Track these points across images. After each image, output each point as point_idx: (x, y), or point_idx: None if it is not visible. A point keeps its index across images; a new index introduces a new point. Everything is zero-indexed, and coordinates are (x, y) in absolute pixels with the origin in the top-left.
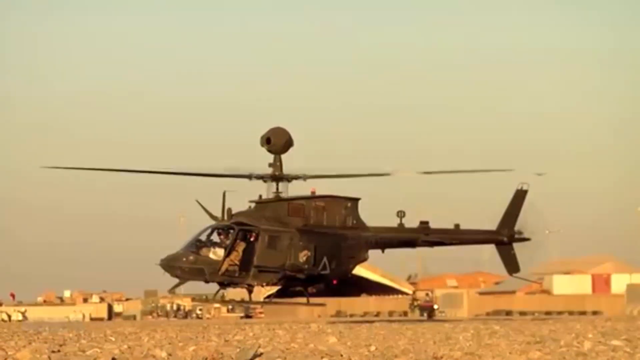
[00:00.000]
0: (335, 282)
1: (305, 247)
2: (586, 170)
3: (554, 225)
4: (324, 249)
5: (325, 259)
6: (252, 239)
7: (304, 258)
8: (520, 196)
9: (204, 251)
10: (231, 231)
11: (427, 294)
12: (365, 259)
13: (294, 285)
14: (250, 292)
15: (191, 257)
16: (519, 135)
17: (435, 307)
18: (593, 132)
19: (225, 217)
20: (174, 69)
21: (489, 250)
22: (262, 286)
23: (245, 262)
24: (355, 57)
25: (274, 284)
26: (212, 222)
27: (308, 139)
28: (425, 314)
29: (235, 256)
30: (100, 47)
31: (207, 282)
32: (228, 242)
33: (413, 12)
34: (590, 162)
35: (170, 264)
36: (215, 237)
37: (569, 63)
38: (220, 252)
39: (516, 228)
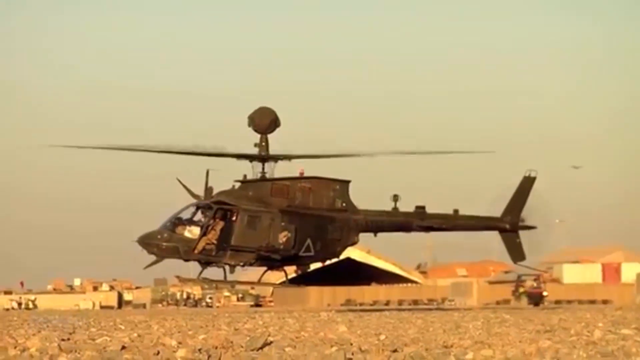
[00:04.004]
0: (323, 264)
1: (285, 228)
2: (596, 159)
3: (564, 214)
4: (307, 231)
5: (309, 241)
6: (230, 218)
7: (284, 239)
8: (527, 183)
9: (179, 229)
10: (209, 210)
11: (535, 279)
12: (354, 242)
13: (276, 266)
14: (226, 272)
15: (166, 235)
16: (527, 123)
17: (545, 294)
18: (603, 121)
19: (207, 196)
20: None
21: (498, 239)
22: (241, 266)
23: (222, 242)
24: (352, 47)
25: (252, 265)
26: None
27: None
28: (532, 302)
29: (213, 235)
30: (98, 41)
31: (184, 260)
32: (205, 220)
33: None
34: (600, 151)
35: (146, 242)
36: (193, 216)
37: (579, 53)
38: (196, 230)
39: (522, 216)
